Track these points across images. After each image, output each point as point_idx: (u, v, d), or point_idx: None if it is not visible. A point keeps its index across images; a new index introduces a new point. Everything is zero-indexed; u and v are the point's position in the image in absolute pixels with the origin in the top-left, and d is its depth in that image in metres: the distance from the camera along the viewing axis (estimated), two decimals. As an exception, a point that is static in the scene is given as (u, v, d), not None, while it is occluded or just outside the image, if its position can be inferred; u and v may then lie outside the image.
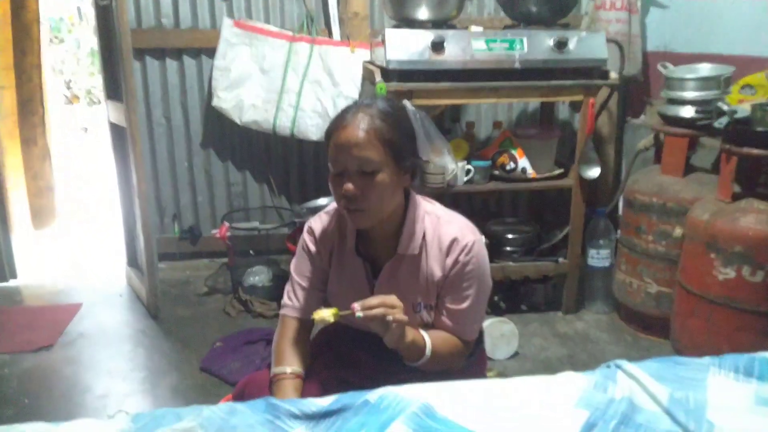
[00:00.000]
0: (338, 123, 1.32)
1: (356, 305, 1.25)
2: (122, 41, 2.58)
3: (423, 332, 1.37)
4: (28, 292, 3.17)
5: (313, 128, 3.12)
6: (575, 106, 3.19)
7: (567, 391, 1.17)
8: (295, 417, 1.11)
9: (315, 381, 1.42)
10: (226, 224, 3.02)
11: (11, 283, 3.23)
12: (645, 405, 1.13)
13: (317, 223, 1.50)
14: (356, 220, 1.35)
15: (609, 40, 2.66)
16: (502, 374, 2.35)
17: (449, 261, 1.39)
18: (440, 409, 1.12)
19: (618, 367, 1.22)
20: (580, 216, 2.75)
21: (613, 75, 2.63)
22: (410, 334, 1.32)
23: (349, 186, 1.29)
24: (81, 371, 2.44)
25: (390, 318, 1.24)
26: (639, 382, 1.17)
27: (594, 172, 2.67)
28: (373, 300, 1.26)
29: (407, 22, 2.63)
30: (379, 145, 1.29)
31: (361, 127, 1.29)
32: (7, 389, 2.30)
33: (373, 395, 1.14)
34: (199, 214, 3.43)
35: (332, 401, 1.14)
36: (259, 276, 3.00)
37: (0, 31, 3.43)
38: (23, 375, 2.39)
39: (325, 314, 1.29)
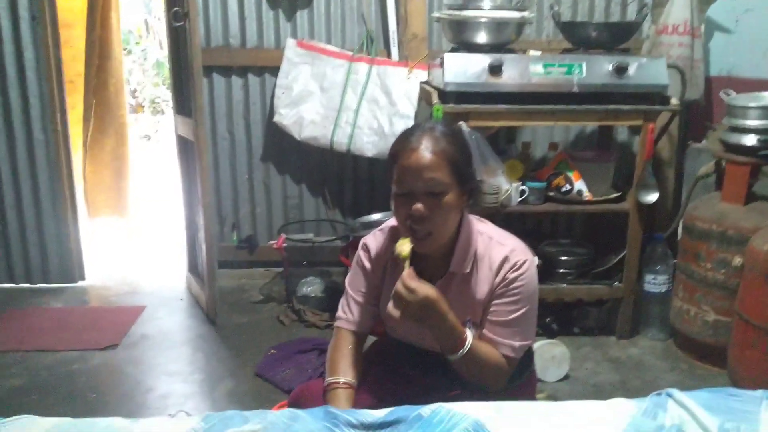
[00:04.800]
0: (404, 145, 1.36)
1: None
2: (193, 61, 2.72)
3: (468, 330, 1.39)
4: (95, 293, 3.34)
5: (369, 145, 3.19)
6: (634, 129, 3.16)
7: (616, 417, 1.17)
8: (352, 426, 1.15)
9: (367, 392, 1.47)
10: (283, 236, 3.11)
11: (80, 284, 3.42)
12: (695, 434, 1.12)
13: (372, 240, 1.55)
14: (423, 246, 1.38)
15: (670, 66, 2.63)
16: (552, 397, 2.34)
17: (498, 279, 1.41)
18: (491, 427, 1.14)
19: (669, 395, 1.22)
20: (637, 240, 2.71)
21: (674, 101, 2.60)
22: (451, 318, 1.34)
23: (419, 206, 1.33)
24: (143, 371, 2.56)
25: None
26: (689, 411, 1.16)
27: (652, 197, 2.64)
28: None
29: (465, 45, 2.68)
30: (447, 166, 1.34)
31: (430, 150, 1.33)
32: (77, 384, 2.44)
33: (427, 410, 1.17)
34: (256, 225, 3.55)
35: (387, 413, 1.18)
36: (312, 287, 3.08)
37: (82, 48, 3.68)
38: (91, 372, 2.53)
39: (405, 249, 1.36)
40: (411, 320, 1.33)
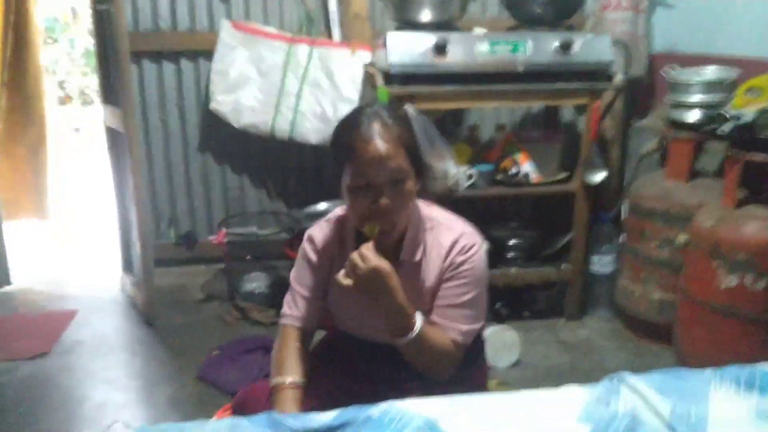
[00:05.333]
0: (357, 136, 1.28)
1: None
2: (120, 47, 2.55)
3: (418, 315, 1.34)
4: (22, 298, 3.13)
5: (312, 132, 3.07)
6: (580, 109, 3.15)
7: (570, 405, 1.16)
8: (297, 433, 1.08)
9: (316, 391, 1.40)
10: (224, 230, 2.98)
11: (5, 288, 3.19)
12: (648, 419, 1.12)
13: (318, 231, 1.48)
14: (386, 238, 1.33)
15: (615, 42, 2.63)
16: (504, 383, 2.32)
17: (446, 263, 1.38)
18: (443, 424, 1.10)
19: (621, 380, 1.21)
20: (584, 221, 2.71)
21: (619, 77, 2.60)
22: (401, 297, 1.30)
23: (386, 200, 1.28)
24: (77, 380, 2.40)
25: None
26: (642, 396, 1.16)
27: (599, 176, 2.63)
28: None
29: (409, 24, 2.60)
30: (403, 151, 1.29)
31: (385, 138, 1.27)
32: (5, 397, 2.27)
33: (376, 410, 1.12)
34: (195, 220, 3.39)
35: (335, 416, 1.12)
36: (256, 282, 2.96)
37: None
38: (20, 383, 2.36)
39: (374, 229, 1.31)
40: (361, 291, 1.29)
